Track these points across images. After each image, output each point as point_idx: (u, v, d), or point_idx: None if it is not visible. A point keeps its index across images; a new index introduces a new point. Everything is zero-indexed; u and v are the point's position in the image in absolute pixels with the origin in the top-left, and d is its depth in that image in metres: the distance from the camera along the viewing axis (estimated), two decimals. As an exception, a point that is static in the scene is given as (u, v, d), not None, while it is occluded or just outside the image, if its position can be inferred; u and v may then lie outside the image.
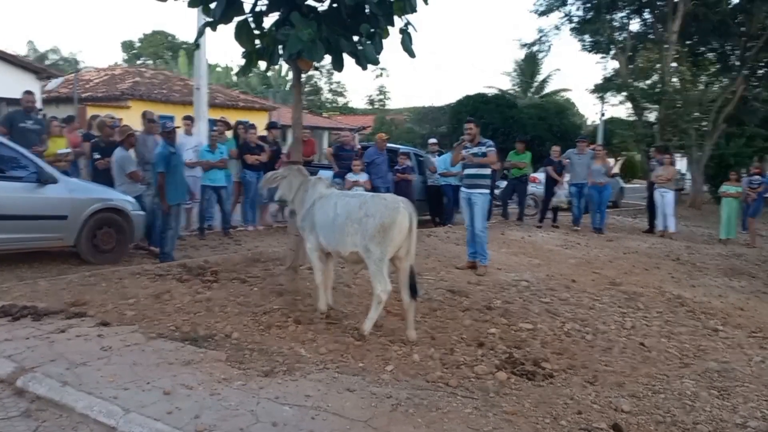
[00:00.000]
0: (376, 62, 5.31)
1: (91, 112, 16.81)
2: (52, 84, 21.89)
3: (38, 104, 13.52)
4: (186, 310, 5.07)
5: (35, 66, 19.05)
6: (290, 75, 33.30)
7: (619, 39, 20.92)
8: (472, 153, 7.59)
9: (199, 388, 3.52)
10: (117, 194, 7.59)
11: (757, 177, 12.65)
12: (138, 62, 43.10)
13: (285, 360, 4.16)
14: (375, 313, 4.82)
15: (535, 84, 39.20)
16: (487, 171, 7.75)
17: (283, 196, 5.77)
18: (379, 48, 5.32)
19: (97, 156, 8.35)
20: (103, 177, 8.14)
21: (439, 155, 12.87)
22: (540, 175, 14.69)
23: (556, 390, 4.15)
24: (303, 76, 6.00)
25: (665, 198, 12.15)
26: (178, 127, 9.18)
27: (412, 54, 5.35)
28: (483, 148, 7.59)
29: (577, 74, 70.36)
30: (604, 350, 5.17)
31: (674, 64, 20.06)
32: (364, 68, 5.43)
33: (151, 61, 43.45)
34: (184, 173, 7.75)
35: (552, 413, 3.69)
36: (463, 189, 7.85)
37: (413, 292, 4.90)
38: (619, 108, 40.89)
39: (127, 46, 50.08)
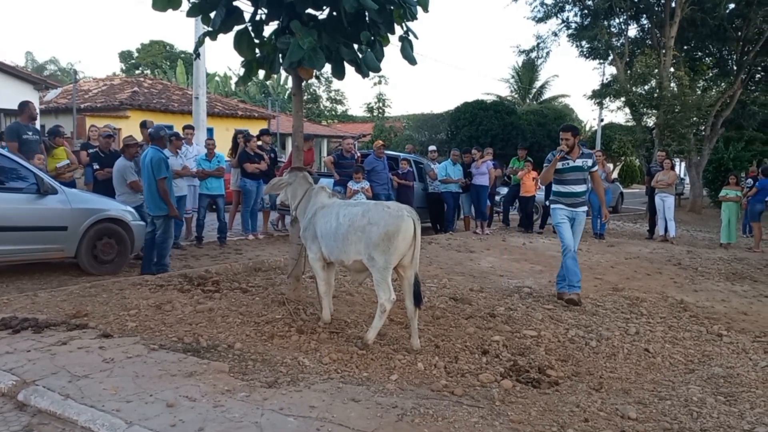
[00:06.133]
0: (377, 69, 5.29)
1: (90, 122, 16.85)
2: (51, 95, 21.99)
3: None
4: (188, 321, 5.04)
5: (34, 77, 19.13)
6: (289, 83, 33.35)
7: (617, 45, 20.98)
8: (574, 166, 6.71)
9: (203, 400, 3.48)
10: (117, 205, 7.55)
11: (749, 180, 12.66)
12: (136, 72, 43.25)
13: (288, 370, 4.13)
14: (379, 322, 4.78)
15: (534, 90, 39.44)
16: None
17: (286, 202, 5.74)
18: (379, 55, 5.31)
19: (96, 167, 8.32)
20: (103, 187, 8.12)
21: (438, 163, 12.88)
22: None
23: (562, 397, 4.12)
24: (303, 84, 5.98)
25: (666, 202, 12.17)
26: (176, 136, 9.14)
27: (412, 61, 5.34)
28: (589, 160, 6.77)
29: (575, 80, 70.56)
30: (609, 356, 5.15)
31: (672, 69, 20.12)
32: (365, 76, 5.42)
33: (149, 71, 43.56)
34: (172, 184, 7.59)
35: (558, 421, 3.65)
36: (562, 207, 6.78)
37: (417, 300, 4.87)
38: (617, 113, 41.12)
39: (125, 56, 50.29)
